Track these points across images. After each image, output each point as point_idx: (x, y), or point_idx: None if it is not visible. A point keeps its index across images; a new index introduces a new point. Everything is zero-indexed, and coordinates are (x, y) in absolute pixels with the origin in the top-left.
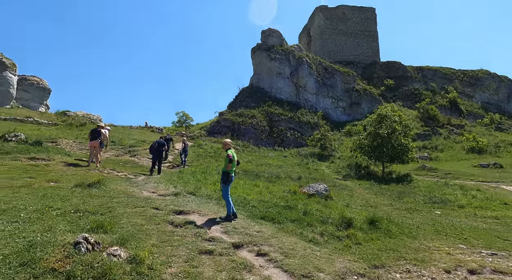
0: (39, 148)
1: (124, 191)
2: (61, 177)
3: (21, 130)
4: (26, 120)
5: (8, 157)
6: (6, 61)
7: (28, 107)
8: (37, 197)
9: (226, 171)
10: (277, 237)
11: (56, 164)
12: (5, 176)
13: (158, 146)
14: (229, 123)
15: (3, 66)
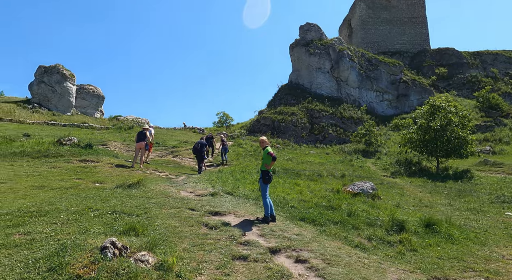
0: (90, 150)
1: (162, 191)
2: (106, 178)
3: (75, 135)
4: (82, 125)
5: (62, 159)
6: (66, 73)
7: (85, 113)
8: (80, 198)
9: (266, 170)
10: (318, 241)
11: (103, 166)
12: (57, 177)
13: (200, 147)
14: (269, 121)
15: (63, 77)
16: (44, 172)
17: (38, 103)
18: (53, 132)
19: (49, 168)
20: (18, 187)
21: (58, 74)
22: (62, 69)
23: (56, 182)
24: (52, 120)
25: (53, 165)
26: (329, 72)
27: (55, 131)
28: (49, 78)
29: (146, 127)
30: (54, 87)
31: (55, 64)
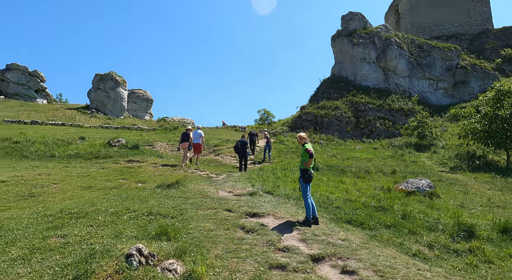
0: (136, 151)
1: (200, 191)
2: (149, 178)
3: (125, 136)
4: (132, 127)
5: (110, 160)
6: (118, 79)
7: (136, 116)
8: (121, 199)
9: (306, 168)
10: (368, 248)
11: (147, 166)
12: (104, 178)
13: (241, 145)
14: (311, 117)
15: (116, 83)
16: (93, 173)
17: (96, 108)
18: (105, 135)
19: (98, 169)
20: (68, 188)
21: (112, 81)
22: (115, 76)
23: (102, 183)
24: (106, 123)
25: (102, 166)
26: (374, 62)
27: (107, 134)
28: (104, 85)
29: (189, 128)
30: (109, 93)
31: (109, 72)
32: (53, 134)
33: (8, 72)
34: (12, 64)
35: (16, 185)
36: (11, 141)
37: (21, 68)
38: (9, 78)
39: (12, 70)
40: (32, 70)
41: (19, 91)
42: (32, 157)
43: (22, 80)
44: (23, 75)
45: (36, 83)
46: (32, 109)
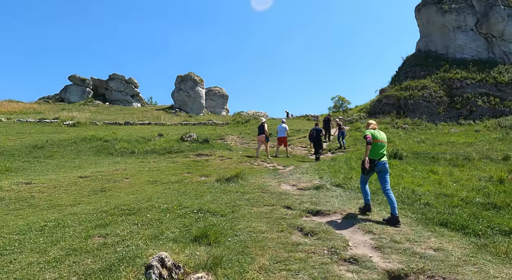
0: (206, 145)
1: (260, 185)
2: (213, 171)
3: (199, 132)
4: (207, 122)
5: (181, 154)
6: (196, 78)
7: (214, 112)
8: (177, 194)
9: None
10: (475, 264)
11: (214, 159)
12: (171, 172)
13: (316, 134)
14: (393, 100)
15: (195, 83)
16: (162, 167)
17: (179, 108)
18: (182, 131)
19: (168, 163)
20: (136, 182)
21: (191, 81)
22: (193, 76)
23: (167, 177)
24: (185, 120)
25: (172, 160)
26: (473, 29)
27: (184, 130)
28: (185, 85)
29: (263, 120)
30: (189, 92)
31: (188, 73)
32: (138, 133)
33: (110, 81)
34: (113, 74)
35: (94, 180)
36: (103, 140)
37: (119, 77)
38: (112, 86)
39: (114, 79)
40: (128, 78)
41: (119, 98)
42: (116, 153)
43: (121, 87)
44: (121, 83)
45: (132, 89)
46: (129, 112)
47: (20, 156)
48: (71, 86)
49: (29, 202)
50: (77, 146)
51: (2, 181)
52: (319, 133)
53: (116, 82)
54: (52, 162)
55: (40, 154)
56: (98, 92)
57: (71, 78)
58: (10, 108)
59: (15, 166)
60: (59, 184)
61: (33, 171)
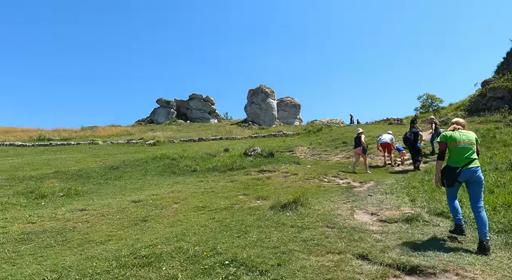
0: (271, 159)
1: (326, 214)
2: (273, 192)
3: (268, 144)
4: (277, 134)
5: (242, 171)
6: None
7: (286, 123)
8: (219, 228)
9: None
10: None
11: (277, 176)
12: (224, 194)
13: (414, 136)
14: (503, 92)
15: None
16: (219, 187)
17: (252, 121)
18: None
19: (226, 182)
20: (182, 209)
21: (262, 93)
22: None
23: (218, 201)
24: (255, 133)
25: (232, 179)
26: None
27: (252, 143)
28: (256, 98)
29: (360, 130)
30: (260, 105)
31: (259, 85)
32: (207, 149)
33: (190, 101)
34: (193, 94)
35: (143, 206)
36: (170, 159)
37: (198, 96)
38: (191, 105)
39: (193, 99)
40: (205, 96)
41: (198, 115)
42: (179, 172)
43: (199, 106)
44: (200, 102)
45: (209, 107)
46: (205, 128)
47: (96, 178)
48: (158, 109)
49: (65, 237)
50: (146, 166)
51: (62, 207)
52: (417, 136)
53: (195, 101)
54: (118, 183)
55: (112, 176)
56: (180, 111)
57: (158, 101)
58: (110, 131)
59: (85, 189)
60: (108, 211)
61: (96, 195)
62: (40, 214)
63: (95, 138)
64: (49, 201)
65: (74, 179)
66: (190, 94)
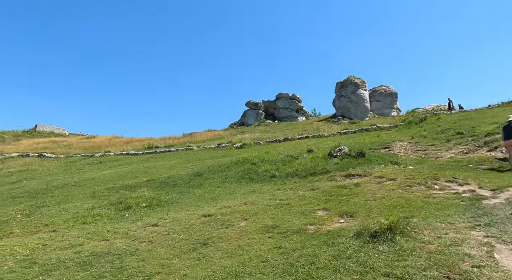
0: (360, 160)
1: (444, 252)
2: (362, 205)
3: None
4: (370, 128)
5: (325, 177)
6: (357, 81)
7: (382, 114)
8: (283, 265)
9: None
10: None
11: (368, 182)
12: (301, 208)
13: None
14: None
15: (356, 86)
16: (295, 199)
17: (341, 115)
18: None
19: (305, 191)
20: (249, 230)
21: (352, 85)
22: (353, 79)
23: (292, 219)
24: (345, 129)
25: (312, 186)
26: None
27: (341, 140)
28: (345, 91)
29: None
30: (350, 97)
31: (348, 77)
32: (291, 150)
33: (277, 101)
34: (279, 93)
35: (210, 222)
36: (250, 163)
37: (284, 95)
38: (278, 105)
39: (280, 98)
40: (291, 95)
41: (286, 114)
42: (257, 179)
43: (286, 104)
44: (286, 101)
45: (296, 105)
46: (292, 127)
47: (180, 185)
48: (247, 111)
49: (122, 263)
50: (228, 172)
51: (138, 221)
52: None
53: (282, 100)
54: (198, 192)
55: (195, 183)
56: (268, 112)
57: (247, 104)
58: (206, 136)
59: (166, 199)
60: (175, 229)
61: (174, 206)
62: (117, 230)
63: (191, 144)
64: (132, 213)
65: (161, 187)
66: (277, 94)
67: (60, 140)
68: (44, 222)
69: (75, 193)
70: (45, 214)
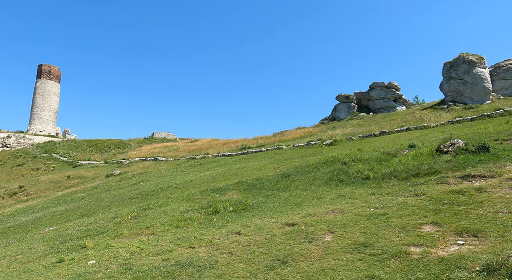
0: (483, 156)
1: None
2: (491, 220)
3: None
4: (494, 114)
5: (434, 178)
6: (472, 58)
7: (509, 95)
8: None
9: None
10: None
11: (498, 186)
12: (401, 222)
13: None
14: None
15: (471, 64)
16: (394, 207)
17: (452, 101)
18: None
19: (406, 198)
20: (335, 247)
21: (464, 64)
22: (467, 57)
23: (390, 235)
24: (457, 116)
25: (416, 191)
26: None
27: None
28: (456, 71)
29: None
30: (463, 78)
31: (458, 55)
32: (388, 145)
33: (371, 91)
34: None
35: (292, 234)
36: (341, 163)
37: (379, 84)
38: (373, 96)
39: (374, 88)
40: (387, 83)
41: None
42: (348, 181)
43: (381, 94)
44: (382, 90)
45: (393, 93)
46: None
47: (267, 188)
48: (338, 105)
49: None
50: (316, 172)
51: (223, 228)
52: None
53: (377, 90)
54: (283, 196)
55: (281, 185)
56: (361, 104)
57: (338, 98)
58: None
59: (252, 203)
60: (256, 239)
61: (260, 211)
62: (203, 236)
63: (281, 143)
64: (220, 218)
65: (249, 190)
66: (370, 84)
67: (170, 145)
68: (146, 225)
69: (175, 195)
70: (148, 217)
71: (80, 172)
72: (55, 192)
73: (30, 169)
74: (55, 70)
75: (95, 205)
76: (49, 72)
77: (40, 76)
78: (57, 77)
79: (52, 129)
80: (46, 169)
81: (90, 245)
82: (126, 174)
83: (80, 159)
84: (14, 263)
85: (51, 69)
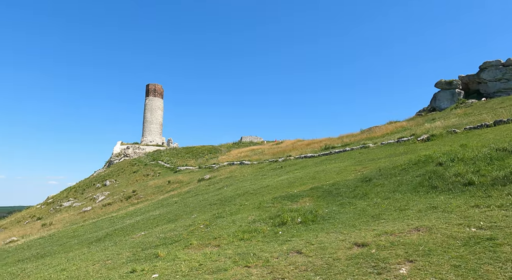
0: None
1: None
2: None
3: None
4: None
5: None
6: None
7: None
8: None
9: None
10: None
11: None
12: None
13: None
14: None
15: None
16: (506, 229)
17: None
18: None
19: None
20: None
21: None
22: None
23: (499, 276)
24: None
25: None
26: None
27: None
28: None
29: None
30: None
31: None
32: (505, 138)
33: (482, 72)
34: (484, 63)
35: (359, 261)
36: (435, 163)
37: (493, 63)
38: (485, 78)
39: (486, 69)
40: (505, 61)
41: (497, 88)
42: (442, 187)
43: (497, 75)
44: (497, 70)
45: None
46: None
47: (343, 195)
48: (439, 93)
49: None
50: (403, 176)
51: (285, 244)
52: None
53: (490, 70)
54: (360, 205)
55: (360, 192)
56: (469, 89)
57: (437, 85)
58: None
59: (324, 213)
60: (315, 264)
61: (330, 223)
62: (262, 253)
63: (367, 141)
64: (285, 231)
65: (323, 197)
66: (480, 64)
67: (256, 148)
68: (214, 235)
69: (248, 203)
70: (218, 226)
71: (178, 177)
72: (158, 195)
73: (142, 175)
74: (159, 88)
75: (181, 211)
76: (154, 90)
77: (148, 94)
78: (161, 93)
79: (158, 139)
80: (153, 175)
81: (162, 255)
82: (214, 179)
83: (179, 165)
84: (103, 269)
85: (156, 87)
